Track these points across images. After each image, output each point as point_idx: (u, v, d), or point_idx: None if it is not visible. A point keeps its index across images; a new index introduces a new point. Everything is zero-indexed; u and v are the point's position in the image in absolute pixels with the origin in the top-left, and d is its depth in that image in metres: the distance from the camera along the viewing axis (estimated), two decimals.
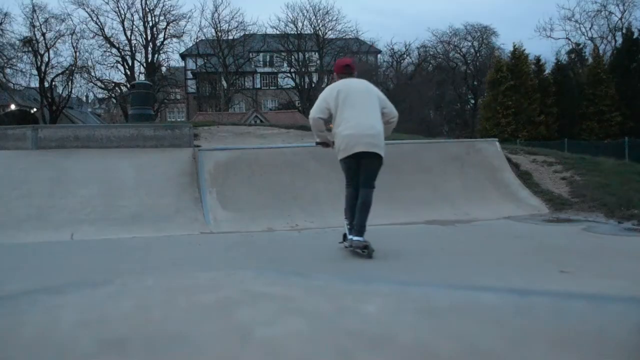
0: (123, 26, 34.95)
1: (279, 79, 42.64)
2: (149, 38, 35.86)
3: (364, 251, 3.90)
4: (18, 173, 6.30)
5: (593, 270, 3.41)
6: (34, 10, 31.42)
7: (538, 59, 30.45)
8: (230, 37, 37.24)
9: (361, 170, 4.02)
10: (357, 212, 3.98)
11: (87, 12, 36.05)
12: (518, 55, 28.98)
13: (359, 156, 3.91)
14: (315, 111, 4.02)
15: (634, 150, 19.25)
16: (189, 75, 43.29)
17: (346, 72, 4.18)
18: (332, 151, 4.17)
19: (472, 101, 40.04)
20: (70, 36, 32.85)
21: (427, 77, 37.41)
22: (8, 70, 31.27)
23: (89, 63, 33.74)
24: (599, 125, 27.51)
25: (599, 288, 2.85)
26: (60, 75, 32.90)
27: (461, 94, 39.94)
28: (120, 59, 35.43)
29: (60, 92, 33.43)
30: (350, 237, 4.00)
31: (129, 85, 31.32)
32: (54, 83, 32.89)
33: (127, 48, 35.45)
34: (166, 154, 7.09)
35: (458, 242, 4.66)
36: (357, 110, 3.89)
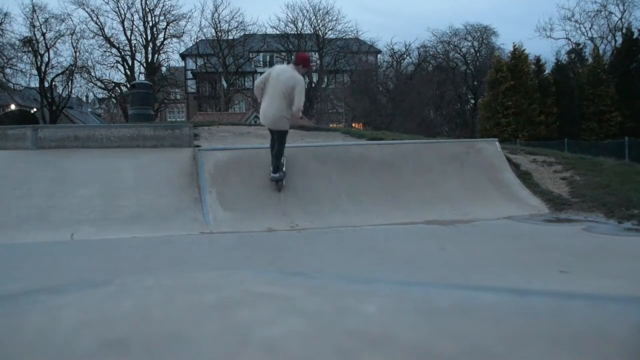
0: (123, 26, 34.96)
1: None
2: (149, 38, 35.87)
3: (278, 183, 6.08)
4: (18, 173, 6.30)
5: (593, 270, 3.41)
6: (34, 10, 31.45)
7: (538, 59, 30.46)
8: (230, 37, 37.24)
9: (274, 135, 6.07)
10: (273, 157, 6.03)
11: (87, 12, 36.06)
12: (518, 55, 28.97)
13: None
14: (257, 81, 6.12)
15: (634, 150, 19.25)
16: (189, 75, 43.28)
17: (293, 60, 6.06)
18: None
19: (472, 101, 40.03)
20: (70, 36, 32.87)
21: (427, 77, 37.37)
22: (8, 70, 31.28)
23: (89, 63, 33.76)
24: (599, 125, 27.49)
25: (599, 288, 2.85)
26: (60, 75, 32.92)
27: (461, 94, 39.92)
28: (120, 59, 35.43)
29: (60, 92, 33.44)
30: (271, 174, 6.12)
31: (129, 85, 31.32)
32: (54, 83, 32.91)
33: (127, 48, 35.45)
34: (166, 154, 7.09)
35: (458, 242, 4.66)
36: (270, 99, 5.76)
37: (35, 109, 31.46)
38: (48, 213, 5.52)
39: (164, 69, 37.34)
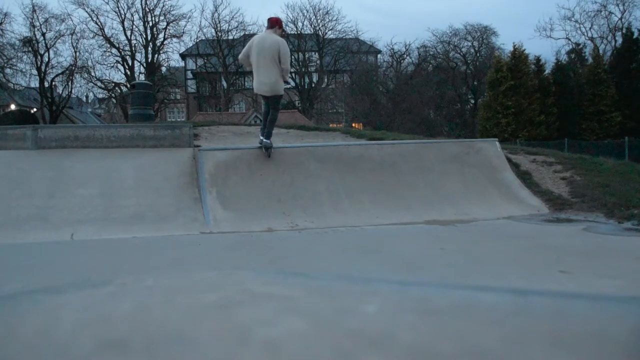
0: (123, 26, 35.01)
1: None
2: (149, 38, 35.88)
3: (269, 150, 6.42)
4: (18, 173, 6.30)
5: (593, 270, 3.41)
6: (34, 10, 31.47)
7: (538, 59, 30.43)
8: (230, 37, 37.26)
9: (269, 102, 6.39)
10: (268, 123, 6.41)
11: (87, 12, 36.22)
12: (518, 55, 28.95)
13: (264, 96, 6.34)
14: (241, 55, 6.39)
15: (634, 150, 19.25)
16: (189, 75, 43.28)
17: (268, 26, 6.21)
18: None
19: (472, 101, 40.03)
20: (70, 36, 32.91)
21: (427, 77, 37.39)
22: (8, 70, 31.28)
23: (89, 63, 33.80)
24: (599, 125, 27.49)
25: (599, 288, 2.85)
26: (60, 75, 32.93)
27: (461, 94, 39.92)
28: (120, 59, 35.46)
29: (60, 92, 33.45)
30: (261, 138, 6.50)
31: (129, 85, 31.32)
32: (54, 83, 32.92)
33: (127, 48, 35.49)
34: (166, 154, 7.09)
35: (458, 242, 4.66)
36: (262, 69, 6.00)
37: (35, 109, 31.46)
38: (48, 213, 5.52)
39: (164, 69, 37.35)
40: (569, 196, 6.46)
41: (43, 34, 31.93)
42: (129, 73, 35.33)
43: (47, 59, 32.18)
